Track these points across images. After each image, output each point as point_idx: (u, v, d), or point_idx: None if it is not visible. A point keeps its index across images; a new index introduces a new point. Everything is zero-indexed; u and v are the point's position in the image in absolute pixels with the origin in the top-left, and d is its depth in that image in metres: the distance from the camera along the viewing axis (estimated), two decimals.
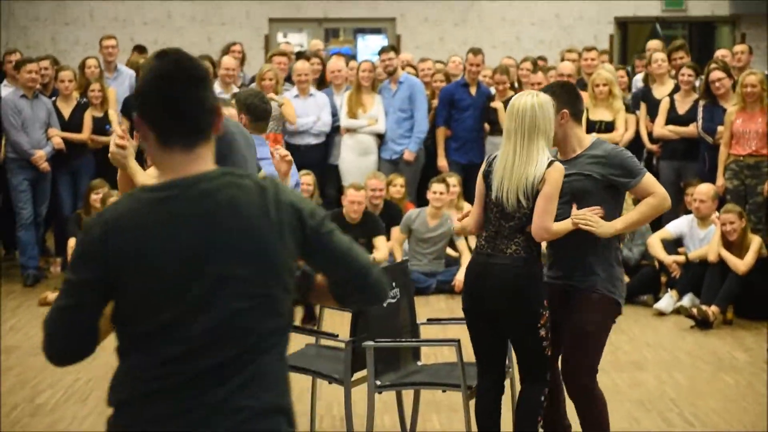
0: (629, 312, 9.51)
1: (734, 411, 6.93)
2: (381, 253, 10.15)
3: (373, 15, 17.39)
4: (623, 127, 11.01)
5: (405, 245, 10.63)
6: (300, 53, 13.18)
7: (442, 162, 11.69)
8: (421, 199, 11.11)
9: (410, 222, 10.47)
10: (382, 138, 11.66)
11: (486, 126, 11.76)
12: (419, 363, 6.15)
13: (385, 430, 6.44)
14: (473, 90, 11.80)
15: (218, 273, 2.76)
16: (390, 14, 17.22)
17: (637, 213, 5.47)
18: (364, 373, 5.79)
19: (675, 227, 10.11)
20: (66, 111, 11.32)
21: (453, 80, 12.24)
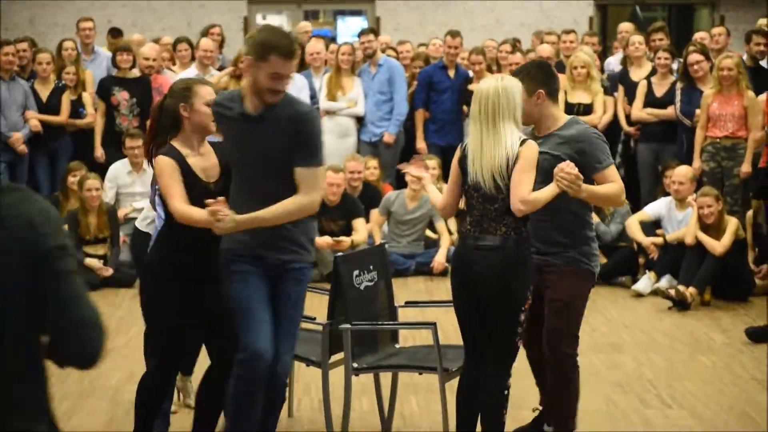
0: (607, 293, 9.57)
1: (711, 392, 6.95)
2: (360, 236, 10.15)
3: None
4: (602, 110, 11.02)
5: (384, 227, 10.64)
6: None
7: (421, 144, 11.70)
8: (401, 182, 11.12)
9: (389, 204, 10.48)
10: (362, 120, 11.66)
11: (464, 108, 11.76)
12: (397, 345, 6.15)
13: (363, 412, 6.44)
14: (452, 72, 11.80)
15: None
16: None
17: (603, 189, 5.45)
18: (342, 356, 5.80)
19: (653, 209, 10.14)
20: (44, 93, 11.27)
21: (432, 63, 12.24)
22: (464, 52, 12.21)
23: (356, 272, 5.98)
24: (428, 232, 10.68)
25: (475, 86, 12.01)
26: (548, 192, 5.19)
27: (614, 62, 12.50)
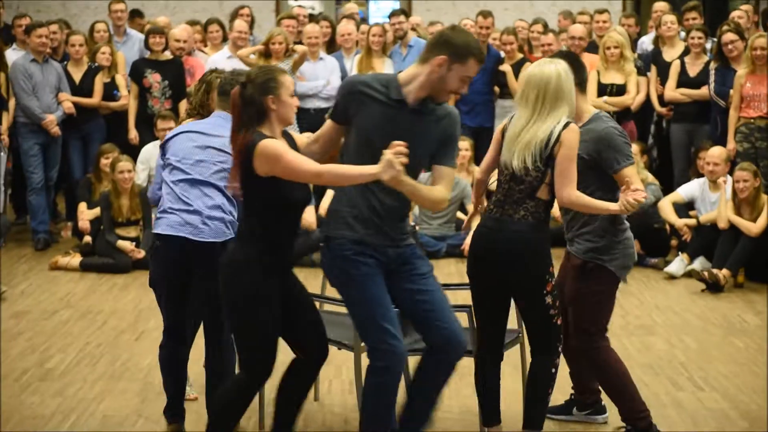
0: (639, 276, 9.52)
1: (744, 375, 6.91)
2: None
3: None
4: (635, 90, 10.93)
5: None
6: (311, 16, 13.12)
7: None
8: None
9: None
10: None
11: (496, 89, 11.71)
12: None
13: None
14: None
15: None
16: None
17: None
18: None
19: (686, 191, 10.08)
20: (77, 75, 11.30)
21: None
22: (495, 33, 12.14)
23: None
24: (459, 214, 10.65)
25: (507, 67, 11.91)
26: (602, 206, 5.18)
27: (647, 42, 12.40)
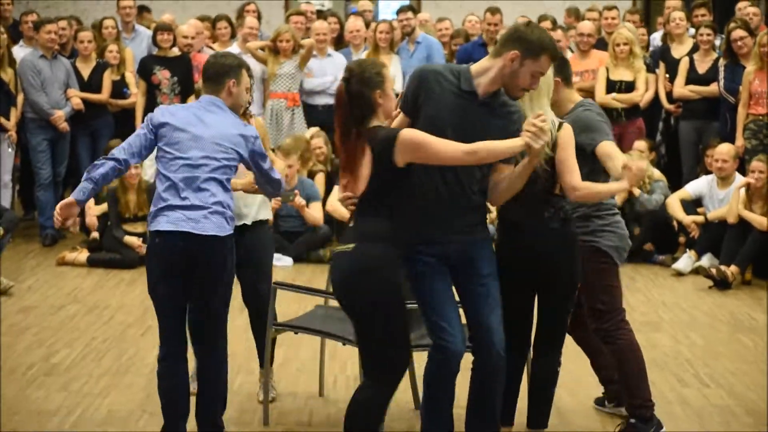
0: (647, 272, 9.52)
1: (751, 372, 6.90)
2: None
3: None
4: (644, 87, 10.91)
5: None
6: (320, 12, 13.11)
7: None
8: None
9: None
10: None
11: None
12: None
13: (398, 390, 6.41)
14: (491, 50, 11.68)
15: None
16: None
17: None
18: None
19: (694, 187, 10.06)
20: (85, 71, 11.33)
21: (471, 39, 12.17)
22: (503, 30, 12.10)
23: None
24: None
25: None
26: (607, 188, 5.15)
27: (659, 38, 12.37)
